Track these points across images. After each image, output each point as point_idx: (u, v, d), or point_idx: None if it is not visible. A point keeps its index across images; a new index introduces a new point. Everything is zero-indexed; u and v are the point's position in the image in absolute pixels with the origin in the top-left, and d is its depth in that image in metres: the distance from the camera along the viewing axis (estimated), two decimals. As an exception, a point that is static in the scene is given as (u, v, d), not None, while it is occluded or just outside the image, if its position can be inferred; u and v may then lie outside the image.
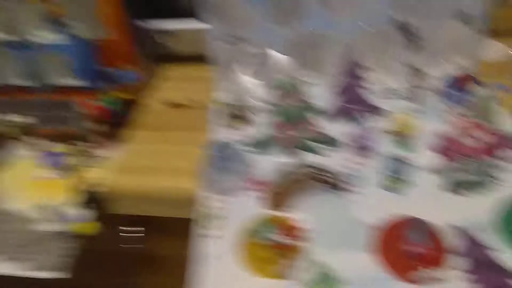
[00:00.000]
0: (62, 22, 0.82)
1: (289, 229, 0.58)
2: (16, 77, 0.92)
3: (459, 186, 0.62)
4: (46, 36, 0.84)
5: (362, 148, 0.68)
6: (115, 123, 0.79)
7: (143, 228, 0.75)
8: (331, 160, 0.68)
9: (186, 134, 0.82)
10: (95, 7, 0.78)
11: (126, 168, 0.74)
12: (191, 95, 0.93)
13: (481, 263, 0.53)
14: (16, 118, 0.82)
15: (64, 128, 0.83)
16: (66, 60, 0.88)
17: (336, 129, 0.74)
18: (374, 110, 0.75)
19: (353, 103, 0.76)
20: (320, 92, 0.77)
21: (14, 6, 0.79)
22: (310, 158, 0.69)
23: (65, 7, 0.79)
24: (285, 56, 0.77)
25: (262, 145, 0.73)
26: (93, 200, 0.67)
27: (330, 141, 0.71)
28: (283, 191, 0.62)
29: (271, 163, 0.69)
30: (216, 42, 0.86)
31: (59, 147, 0.76)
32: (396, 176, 0.63)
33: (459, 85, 0.74)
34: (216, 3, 0.79)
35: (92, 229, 0.63)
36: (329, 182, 0.64)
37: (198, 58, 1.01)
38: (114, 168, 0.73)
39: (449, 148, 0.64)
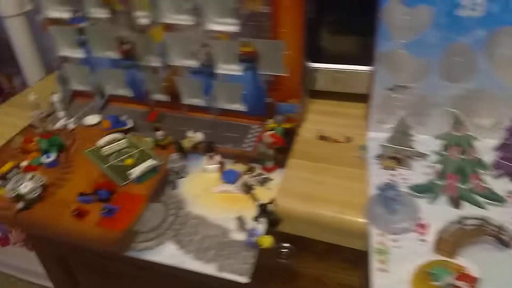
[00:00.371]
0: (248, 58, 0.94)
1: (464, 277, 0.62)
2: (196, 98, 1.07)
3: None
4: (230, 68, 0.98)
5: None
6: (282, 150, 0.89)
7: (292, 246, 0.84)
8: (498, 216, 0.70)
9: (343, 168, 0.89)
10: (282, 50, 0.89)
11: (290, 192, 0.83)
12: (341, 131, 1.01)
13: None
14: (197, 134, 0.96)
15: (239, 149, 0.96)
16: (240, 89, 1.01)
17: (500, 185, 0.76)
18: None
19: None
20: (484, 147, 0.81)
21: (213, 42, 0.94)
22: (476, 211, 0.72)
23: (254, 47, 0.92)
24: (453, 110, 0.81)
25: (424, 190, 0.77)
26: (265, 217, 0.76)
27: (496, 197, 0.74)
28: (454, 239, 0.67)
29: (436, 210, 0.74)
30: (379, 86, 0.93)
31: (236, 166, 0.88)
32: None
33: None
34: (389, 55, 0.87)
35: (269, 243, 0.72)
36: (498, 237, 0.67)
37: (349, 96, 1.10)
38: (281, 191, 0.83)
39: None
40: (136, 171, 0.86)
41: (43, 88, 1.26)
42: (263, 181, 0.85)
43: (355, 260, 0.87)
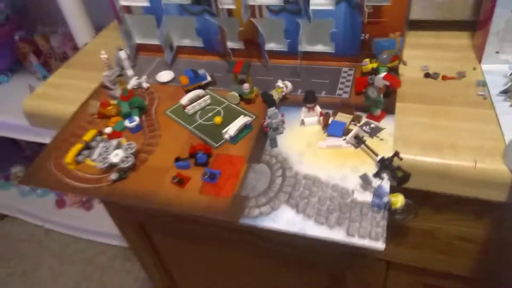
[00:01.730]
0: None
1: None
2: (276, 43, 0.96)
3: None
4: (320, 3, 0.85)
5: None
6: (386, 93, 0.77)
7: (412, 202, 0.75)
8: None
9: (464, 109, 0.77)
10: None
11: (410, 141, 0.73)
12: (448, 65, 0.88)
13: None
14: (286, 83, 0.86)
15: (334, 96, 0.85)
16: (330, 26, 0.88)
17: None
18: None
19: None
20: None
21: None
22: None
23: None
24: None
25: None
26: (390, 173, 0.67)
27: None
28: None
29: None
30: (502, 8, 0.78)
31: (340, 116, 0.78)
32: None
33: None
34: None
35: (402, 203, 0.63)
36: None
37: (448, 25, 0.94)
38: (399, 141, 0.73)
39: None
40: (230, 130, 0.78)
41: (99, 46, 1.17)
42: (373, 131, 0.75)
43: (481, 211, 0.78)
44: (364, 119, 0.78)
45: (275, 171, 0.73)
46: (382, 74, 0.73)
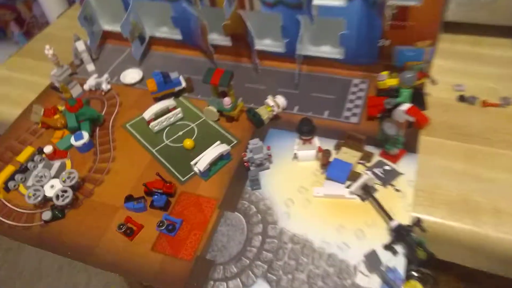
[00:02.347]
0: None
1: None
2: (270, 40, 0.76)
3: None
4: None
5: None
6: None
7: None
8: None
9: (504, 153, 0.58)
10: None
11: (436, 198, 0.54)
12: (489, 85, 0.68)
13: None
14: (278, 99, 0.66)
15: (340, 120, 0.66)
16: (341, 26, 0.68)
17: None
18: None
19: None
20: None
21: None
22: None
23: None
24: None
25: None
26: (407, 247, 0.49)
27: None
28: None
29: None
30: None
31: (345, 153, 0.59)
32: None
33: None
34: None
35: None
36: None
37: (491, 30, 0.74)
38: (420, 196, 0.54)
39: None
40: (200, 164, 0.59)
41: (64, 27, 0.98)
42: (388, 177, 0.57)
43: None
44: (376, 158, 0.60)
45: (253, 226, 0.55)
46: (405, 107, 0.54)
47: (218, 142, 0.63)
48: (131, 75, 0.79)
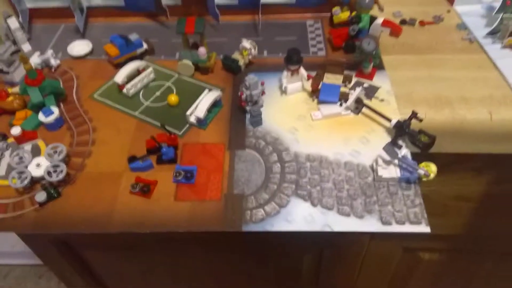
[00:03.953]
0: None
1: None
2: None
3: None
4: None
5: None
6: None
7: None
8: None
9: (456, 56, 0.69)
10: None
11: (416, 100, 0.62)
12: (420, 10, 0.79)
13: None
14: (250, 44, 0.68)
15: (311, 55, 0.70)
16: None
17: None
18: None
19: None
20: None
21: None
22: None
23: None
24: None
25: None
26: (410, 138, 0.56)
27: None
28: None
29: None
30: None
31: (329, 78, 0.64)
32: None
33: None
34: None
35: (435, 171, 0.53)
36: None
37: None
38: (403, 100, 0.62)
39: None
40: (198, 111, 0.59)
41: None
42: (370, 91, 0.63)
43: (480, 168, 0.72)
44: (354, 79, 0.65)
45: (268, 156, 0.57)
46: (380, 20, 0.60)
47: (207, 90, 0.63)
48: (79, 47, 0.73)
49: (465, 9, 0.77)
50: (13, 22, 0.69)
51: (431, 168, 0.52)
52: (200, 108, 0.59)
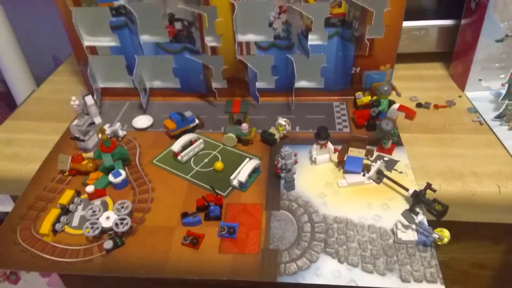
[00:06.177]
0: (337, 22, 0.80)
1: None
2: (262, 81, 0.90)
3: None
4: (312, 38, 0.82)
5: None
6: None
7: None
8: None
9: (466, 136, 0.78)
10: (384, 6, 0.75)
11: (430, 172, 0.71)
12: (434, 95, 0.90)
13: None
14: (282, 121, 0.80)
15: (336, 131, 0.81)
16: (321, 61, 0.86)
17: None
18: None
19: None
20: None
21: (297, 6, 0.77)
22: None
23: (348, 6, 0.77)
24: None
25: None
26: (427, 206, 0.64)
27: None
28: None
29: None
30: (486, 38, 0.82)
31: (353, 152, 0.74)
32: None
33: None
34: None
35: (448, 237, 0.59)
36: None
37: (420, 56, 0.98)
38: (417, 173, 0.71)
39: None
40: (240, 176, 0.69)
41: (49, 91, 1.03)
42: (389, 164, 0.73)
43: (497, 236, 0.78)
44: (375, 153, 0.75)
45: (300, 217, 0.66)
46: (396, 106, 0.72)
47: (248, 159, 0.74)
48: (142, 121, 0.87)
49: (475, 95, 0.88)
50: (89, 99, 0.85)
51: (445, 233, 0.59)
52: (242, 173, 0.69)
